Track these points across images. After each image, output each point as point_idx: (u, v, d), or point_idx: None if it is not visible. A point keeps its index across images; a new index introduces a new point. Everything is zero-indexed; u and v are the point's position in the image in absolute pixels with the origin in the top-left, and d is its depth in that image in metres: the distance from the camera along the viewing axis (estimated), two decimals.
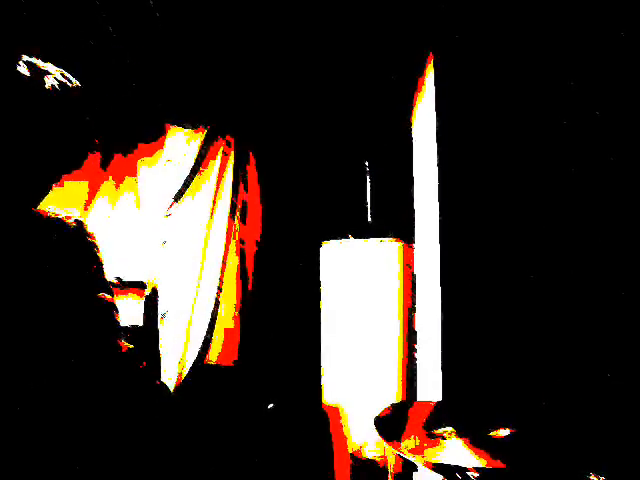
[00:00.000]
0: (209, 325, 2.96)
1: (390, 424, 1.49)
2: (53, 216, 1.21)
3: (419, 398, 2.49)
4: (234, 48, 2.70)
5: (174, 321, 2.93)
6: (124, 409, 1.25)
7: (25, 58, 1.23)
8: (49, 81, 1.24)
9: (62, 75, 1.28)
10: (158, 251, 2.98)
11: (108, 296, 1.23)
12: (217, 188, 3.04)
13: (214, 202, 3.03)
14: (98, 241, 1.26)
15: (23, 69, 1.22)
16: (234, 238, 3.08)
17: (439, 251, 2.06)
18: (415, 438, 1.40)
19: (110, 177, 3.05)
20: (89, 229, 1.25)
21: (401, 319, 2.59)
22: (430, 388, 2.23)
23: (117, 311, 1.27)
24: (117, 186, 3.08)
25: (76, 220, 1.23)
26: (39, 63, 1.26)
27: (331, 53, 2.65)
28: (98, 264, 1.24)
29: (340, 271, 2.69)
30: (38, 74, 1.23)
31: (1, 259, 1.14)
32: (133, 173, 3.07)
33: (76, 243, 1.21)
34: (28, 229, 1.18)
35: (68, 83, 1.28)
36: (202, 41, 2.66)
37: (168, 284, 2.96)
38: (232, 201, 3.06)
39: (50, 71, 1.26)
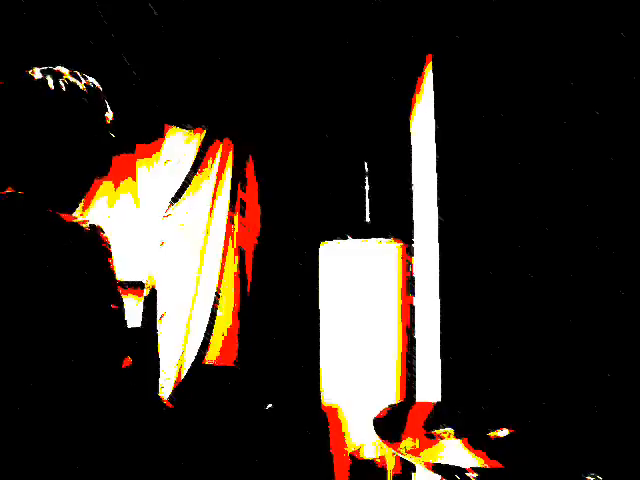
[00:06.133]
0: (208, 325, 2.96)
1: (389, 425, 1.49)
2: (69, 220, 1.21)
3: (418, 398, 2.49)
4: (233, 49, 2.70)
5: (173, 321, 2.93)
6: (123, 414, 1.25)
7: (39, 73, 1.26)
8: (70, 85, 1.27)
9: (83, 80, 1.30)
10: (157, 251, 2.98)
11: (116, 306, 1.23)
12: (216, 188, 3.04)
13: (213, 202, 3.03)
14: (112, 247, 1.25)
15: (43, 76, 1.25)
16: (233, 238, 3.08)
17: (438, 251, 2.06)
18: (414, 438, 1.40)
19: (109, 177, 3.05)
20: (104, 234, 1.24)
21: (400, 319, 2.59)
22: (429, 388, 2.23)
23: (124, 321, 1.26)
24: (116, 186, 3.08)
25: (91, 225, 1.22)
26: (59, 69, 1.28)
27: (330, 54, 2.65)
28: (109, 272, 1.24)
29: (339, 271, 2.69)
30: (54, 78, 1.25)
31: (16, 262, 1.15)
32: (132, 173, 3.07)
33: (90, 249, 1.21)
34: (45, 233, 1.18)
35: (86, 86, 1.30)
36: (201, 41, 2.66)
37: (167, 284, 2.96)
38: (231, 201, 3.06)
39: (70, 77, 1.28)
